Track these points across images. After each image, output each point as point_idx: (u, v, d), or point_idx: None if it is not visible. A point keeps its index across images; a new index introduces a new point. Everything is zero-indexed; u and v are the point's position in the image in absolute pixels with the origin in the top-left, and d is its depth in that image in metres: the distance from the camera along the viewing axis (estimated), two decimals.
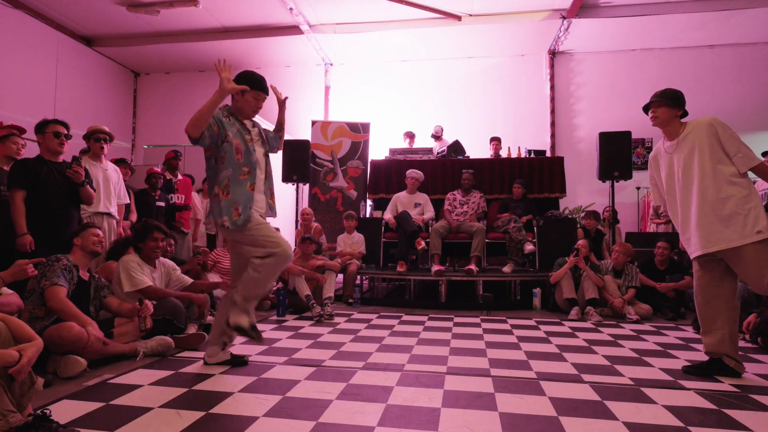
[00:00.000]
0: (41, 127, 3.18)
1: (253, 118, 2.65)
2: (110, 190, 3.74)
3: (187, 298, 3.22)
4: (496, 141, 6.79)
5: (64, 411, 1.91)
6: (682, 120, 2.67)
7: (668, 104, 2.63)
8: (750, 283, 2.46)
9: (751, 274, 2.39)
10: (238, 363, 2.63)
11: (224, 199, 2.42)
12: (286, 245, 2.47)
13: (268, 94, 2.58)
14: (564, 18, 6.99)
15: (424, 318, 4.25)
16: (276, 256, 2.41)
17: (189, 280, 3.46)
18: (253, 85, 2.51)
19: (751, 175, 2.51)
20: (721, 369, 2.53)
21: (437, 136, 7.12)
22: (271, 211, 2.67)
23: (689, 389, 2.31)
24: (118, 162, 4.41)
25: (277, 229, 2.76)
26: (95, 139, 3.72)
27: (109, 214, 3.71)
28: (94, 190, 3.42)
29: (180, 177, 5.54)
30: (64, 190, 3.18)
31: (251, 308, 2.53)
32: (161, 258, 3.38)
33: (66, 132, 3.21)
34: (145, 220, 3.34)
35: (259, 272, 2.42)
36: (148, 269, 3.18)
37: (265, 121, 7.18)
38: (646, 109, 2.74)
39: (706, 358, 2.68)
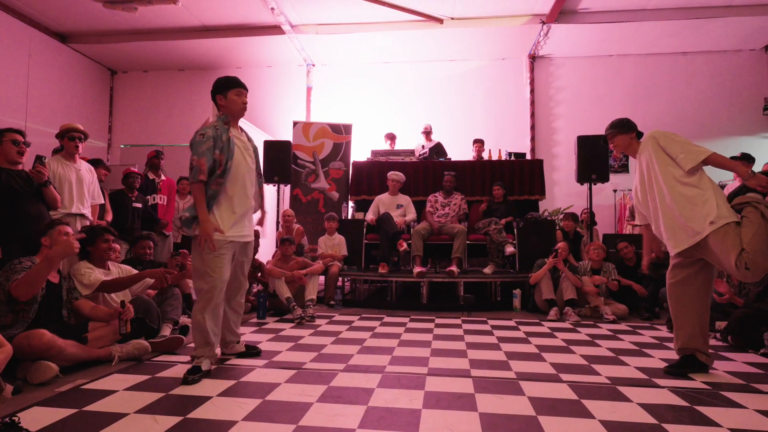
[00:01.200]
0: None
1: (240, 125, 2.73)
2: (83, 191, 3.64)
3: (143, 275, 3.09)
4: (479, 143, 6.86)
5: (35, 418, 1.85)
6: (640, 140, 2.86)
7: (620, 131, 2.85)
8: (724, 270, 2.55)
9: (721, 262, 2.47)
10: (252, 354, 2.88)
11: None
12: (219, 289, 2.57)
13: (246, 89, 2.67)
14: (544, 23, 7.11)
15: (406, 319, 4.26)
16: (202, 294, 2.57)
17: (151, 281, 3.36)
18: (229, 85, 2.61)
19: (726, 175, 2.61)
20: (694, 365, 2.61)
21: (427, 132, 7.17)
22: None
23: (663, 387, 2.36)
24: (95, 163, 4.28)
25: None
26: (69, 137, 3.58)
27: (82, 215, 3.60)
28: (59, 193, 3.32)
29: (163, 177, 5.41)
30: (29, 191, 3.08)
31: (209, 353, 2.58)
32: (120, 265, 3.30)
33: (24, 140, 3.10)
34: (91, 225, 3.25)
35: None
36: (100, 272, 3.10)
37: (249, 123, 7.12)
38: (605, 141, 2.96)
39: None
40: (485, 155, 6.77)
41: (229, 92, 2.60)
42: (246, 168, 2.64)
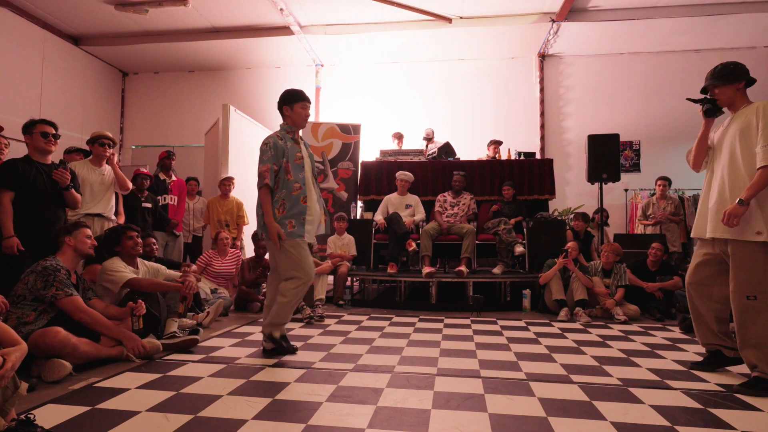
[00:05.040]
0: (29, 127, 3.14)
1: (301, 137, 3.01)
2: (105, 194, 3.74)
3: (173, 288, 3.11)
4: (495, 143, 6.83)
5: (49, 415, 1.88)
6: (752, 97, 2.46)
7: (722, 83, 2.43)
8: (731, 286, 2.40)
9: (735, 276, 2.37)
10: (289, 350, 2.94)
11: (279, 216, 2.79)
12: (311, 274, 2.88)
13: (310, 102, 2.94)
14: (553, 21, 7.06)
15: (415, 319, 4.25)
16: (299, 281, 2.82)
17: (178, 274, 3.37)
18: (297, 98, 2.87)
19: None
20: (722, 360, 2.57)
21: (428, 138, 7.14)
22: (326, 226, 3.04)
23: (676, 389, 2.33)
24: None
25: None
26: (100, 143, 3.73)
27: (100, 216, 3.69)
28: (80, 194, 3.38)
29: (174, 178, 5.46)
30: (51, 192, 3.14)
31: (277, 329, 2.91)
32: (145, 261, 3.34)
33: (54, 132, 3.18)
34: (113, 226, 3.31)
35: (285, 296, 2.82)
36: (130, 270, 3.14)
37: (261, 125, 7.16)
38: (704, 92, 2.54)
39: (693, 356, 2.73)
40: (502, 155, 6.75)
41: (296, 104, 2.85)
42: (312, 177, 2.96)
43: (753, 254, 2.31)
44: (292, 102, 2.87)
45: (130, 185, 3.98)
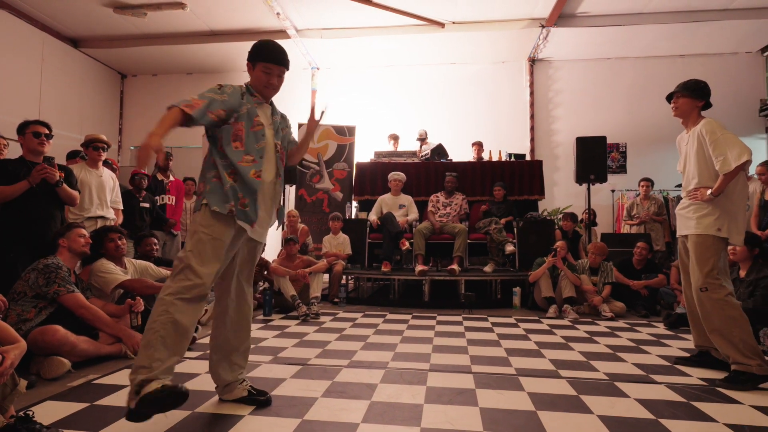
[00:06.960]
0: (22, 128, 3.17)
1: (273, 104, 2.15)
2: (103, 196, 3.80)
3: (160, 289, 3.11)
4: (477, 145, 6.92)
5: (48, 412, 1.90)
6: (704, 112, 2.67)
7: (689, 95, 2.62)
8: (692, 283, 2.55)
9: (692, 272, 2.52)
10: (257, 402, 2.03)
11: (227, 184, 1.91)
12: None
13: (280, 64, 2.04)
14: (543, 27, 7.16)
15: (408, 317, 4.30)
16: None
17: (167, 272, 3.39)
18: (259, 56, 2.03)
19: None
20: (710, 361, 2.66)
21: (422, 139, 7.22)
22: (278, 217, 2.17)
23: (660, 383, 2.40)
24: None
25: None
26: (94, 147, 3.79)
27: (102, 218, 3.76)
28: (79, 192, 3.41)
29: (172, 178, 5.48)
30: (45, 191, 3.16)
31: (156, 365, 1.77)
32: (133, 260, 3.38)
33: (47, 132, 3.19)
34: (96, 228, 3.34)
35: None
36: (120, 270, 3.17)
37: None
38: (669, 98, 2.71)
39: (677, 352, 2.80)
40: (485, 156, 6.83)
41: (258, 65, 2.03)
42: (275, 154, 2.05)
43: (705, 247, 2.46)
44: (254, 59, 2.04)
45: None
